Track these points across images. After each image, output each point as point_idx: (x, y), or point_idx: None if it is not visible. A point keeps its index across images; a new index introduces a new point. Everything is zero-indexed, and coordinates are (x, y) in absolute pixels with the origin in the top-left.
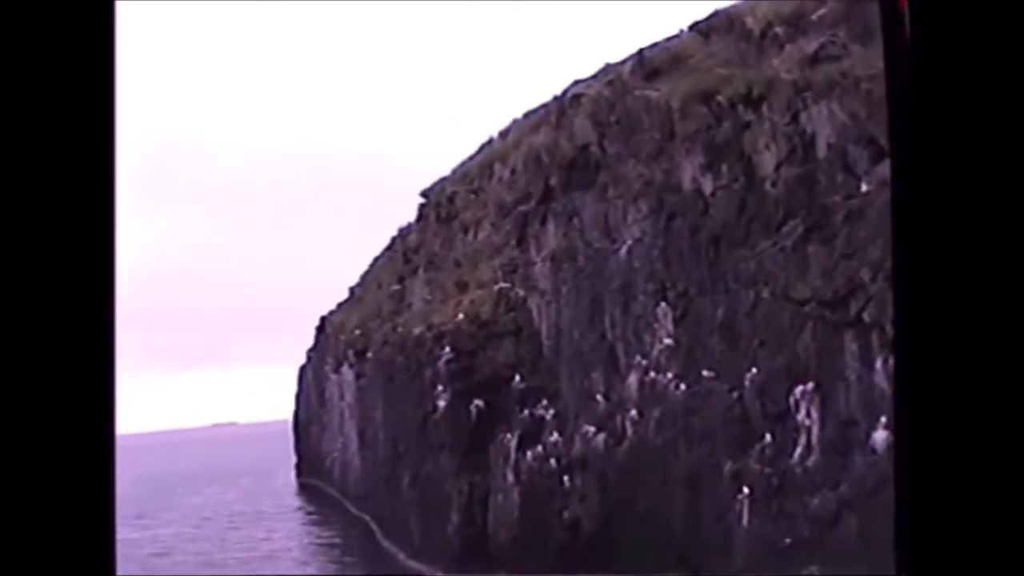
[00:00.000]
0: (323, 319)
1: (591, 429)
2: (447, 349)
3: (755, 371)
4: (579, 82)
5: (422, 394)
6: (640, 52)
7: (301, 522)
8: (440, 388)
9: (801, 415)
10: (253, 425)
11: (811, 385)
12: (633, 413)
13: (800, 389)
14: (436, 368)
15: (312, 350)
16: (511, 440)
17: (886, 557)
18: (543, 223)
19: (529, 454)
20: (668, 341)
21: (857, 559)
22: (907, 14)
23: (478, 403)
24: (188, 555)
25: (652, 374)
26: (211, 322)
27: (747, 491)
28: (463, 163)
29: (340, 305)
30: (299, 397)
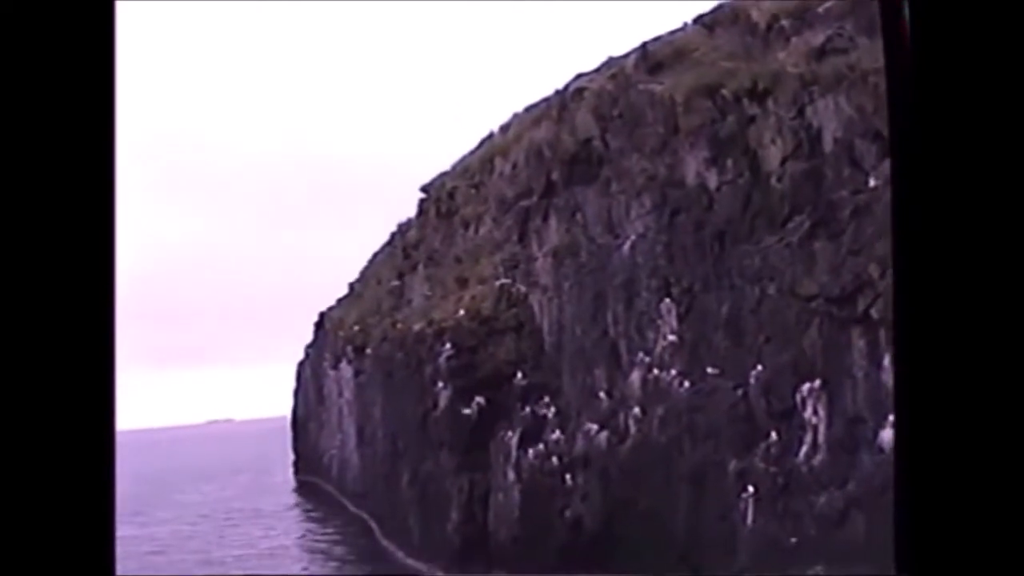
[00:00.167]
0: (322, 315)
1: (593, 427)
2: (447, 345)
3: (760, 368)
4: (581, 75)
5: (422, 391)
6: (643, 45)
7: (299, 520)
8: (440, 385)
9: (808, 413)
10: (250, 422)
11: (818, 382)
12: (636, 411)
13: (807, 387)
14: (436, 365)
15: (311, 346)
16: (512, 438)
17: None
18: (545, 218)
19: (530, 452)
20: (672, 338)
21: (864, 559)
22: (907, 13)
23: (479, 400)
24: (185, 553)
25: (655, 371)
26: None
27: (752, 490)
28: (463, 158)
29: (339, 301)
30: (297, 394)
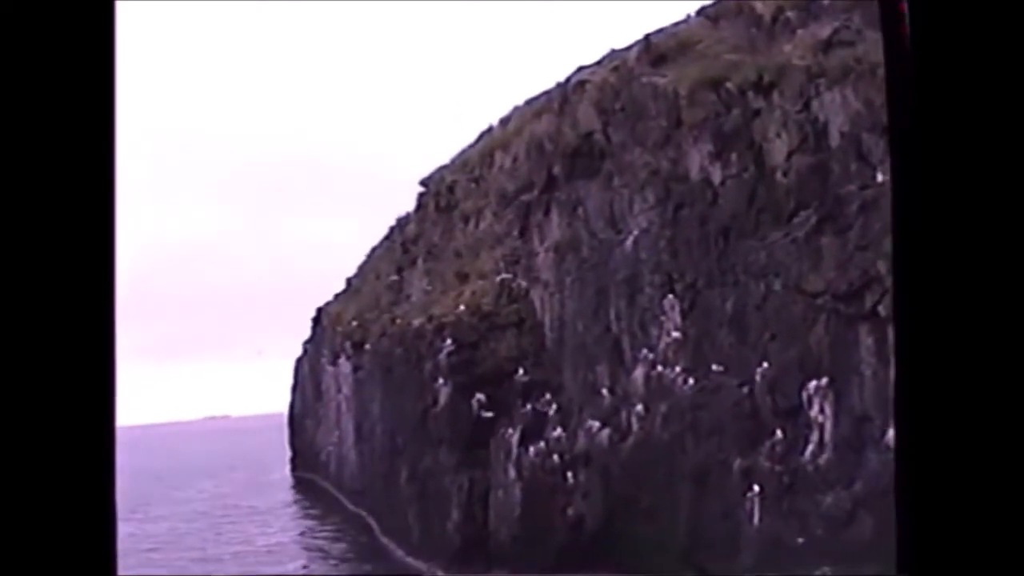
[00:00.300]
0: (320, 310)
1: (595, 424)
2: (448, 341)
3: (766, 365)
4: (583, 68)
5: (421, 387)
6: (647, 37)
7: (296, 517)
8: (440, 381)
9: (814, 411)
10: (247, 418)
11: (824, 380)
12: (639, 408)
13: (813, 384)
14: (436, 361)
15: (308, 342)
16: (513, 435)
17: None
18: (546, 213)
19: (531, 449)
20: (675, 334)
21: (872, 560)
22: (907, 13)
23: (479, 397)
24: (182, 550)
25: (659, 368)
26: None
27: (757, 489)
28: (463, 151)
29: (337, 296)
30: (295, 390)
